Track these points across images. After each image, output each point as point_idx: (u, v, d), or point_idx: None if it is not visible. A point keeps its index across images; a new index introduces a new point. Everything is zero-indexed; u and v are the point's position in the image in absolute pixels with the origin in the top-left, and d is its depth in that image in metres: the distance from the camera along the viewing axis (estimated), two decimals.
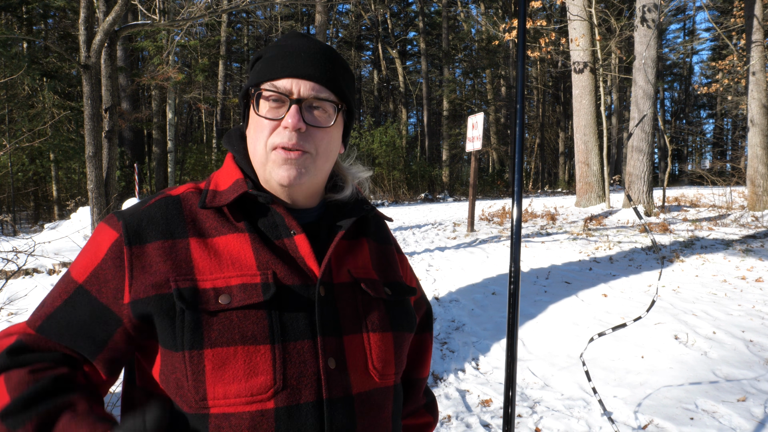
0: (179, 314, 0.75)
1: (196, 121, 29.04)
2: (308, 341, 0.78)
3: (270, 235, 0.84)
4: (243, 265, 0.79)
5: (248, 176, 0.87)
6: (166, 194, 0.86)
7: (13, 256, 3.63)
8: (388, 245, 0.98)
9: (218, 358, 0.74)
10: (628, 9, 21.34)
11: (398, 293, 0.92)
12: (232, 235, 0.82)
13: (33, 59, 14.51)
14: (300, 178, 0.82)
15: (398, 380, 0.90)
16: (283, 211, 0.84)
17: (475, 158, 8.78)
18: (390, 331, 0.87)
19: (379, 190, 21.56)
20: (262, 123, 0.83)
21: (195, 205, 0.84)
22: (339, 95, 0.85)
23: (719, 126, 43.19)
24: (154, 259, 0.78)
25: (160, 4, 14.96)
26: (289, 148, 0.81)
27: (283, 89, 0.82)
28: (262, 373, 0.75)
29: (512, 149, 1.40)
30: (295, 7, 26.76)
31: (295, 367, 0.76)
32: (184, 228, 0.81)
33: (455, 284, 5.57)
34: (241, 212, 0.84)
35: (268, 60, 0.85)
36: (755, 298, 4.82)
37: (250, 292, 0.77)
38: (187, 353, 0.74)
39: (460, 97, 31.09)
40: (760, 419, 2.86)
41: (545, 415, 3.06)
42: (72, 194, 16.13)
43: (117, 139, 5.35)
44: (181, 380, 0.75)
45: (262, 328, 0.76)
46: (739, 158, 19.32)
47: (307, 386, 0.76)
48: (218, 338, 0.74)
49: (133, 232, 0.79)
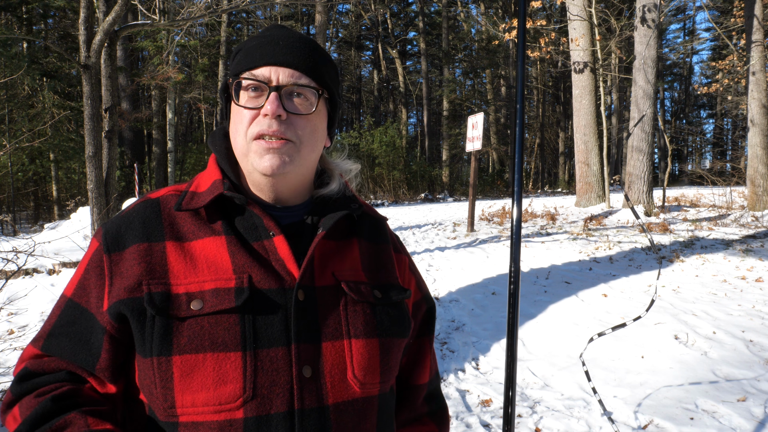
0: (149, 319, 0.74)
1: (196, 121, 29.04)
2: (282, 348, 0.75)
3: (248, 237, 0.81)
4: (219, 269, 0.77)
5: (227, 176, 0.85)
6: (147, 198, 0.85)
7: (13, 256, 3.63)
8: (383, 245, 0.93)
9: (187, 365, 0.72)
10: (628, 9, 21.33)
11: (389, 296, 0.87)
12: (209, 238, 0.80)
13: (33, 59, 14.51)
14: (284, 167, 0.80)
15: (386, 389, 0.85)
16: (261, 212, 0.81)
17: (475, 158, 8.78)
18: (376, 337, 0.82)
19: (379, 190, 21.56)
20: (241, 113, 0.81)
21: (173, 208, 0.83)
22: (319, 82, 0.83)
23: (719, 126, 43.19)
24: (130, 263, 0.77)
25: (160, 4, 14.96)
26: (270, 136, 0.79)
27: (262, 77, 0.80)
28: (232, 381, 0.72)
29: (512, 149, 1.40)
30: (295, 7, 26.77)
31: (266, 375, 0.73)
32: (161, 231, 0.80)
33: (455, 284, 5.57)
34: (220, 214, 0.82)
35: (246, 50, 0.83)
36: (755, 298, 4.82)
37: (222, 297, 0.75)
38: (156, 359, 0.73)
39: (460, 97, 31.09)
40: (760, 419, 2.86)
41: (545, 415, 3.06)
42: (72, 194, 16.13)
43: (117, 139, 5.35)
44: (151, 387, 0.75)
45: (234, 335, 0.73)
46: (739, 158, 19.32)
47: (279, 395, 0.73)
48: (187, 345, 0.73)
49: (111, 239, 0.80)
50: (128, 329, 0.77)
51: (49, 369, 0.78)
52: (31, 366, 0.79)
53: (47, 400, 0.74)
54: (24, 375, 0.78)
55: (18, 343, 3.89)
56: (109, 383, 0.79)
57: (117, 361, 0.78)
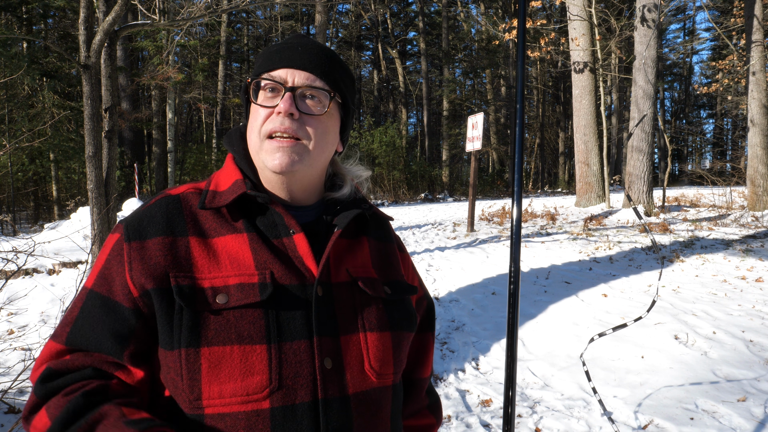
0: (177, 311, 0.76)
1: (196, 121, 29.04)
2: (305, 341, 0.78)
3: (269, 234, 0.84)
4: (241, 265, 0.80)
5: (247, 176, 0.88)
6: (167, 194, 0.87)
7: (13, 256, 3.62)
8: (389, 243, 0.98)
9: (214, 357, 0.74)
10: (628, 9, 21.33)
11: (398, 292, 0.92)
12: (231, 235, 0.83)
13: (33, 59, 14.50)
14: (293, 165, 0.83)
15: (397, 380, 0.90)
16: (282, 211, 0.84)
17: (475, 158, 8.78)
18: (388, 331, 0.86)
19: (379, 190, 21.56)
20: (258, 111, 0.85)
21: (195, 206, 0.85)
22: (333, 86, 0.87)
23: (719, 126, 43.19)
24: (155, 253, 0.79)
25: (160, 4, 14.96)
26: (281, 134, 0.83)
27: (279, 78, 0.85)
28: (258, 373, 0.75)
29: (512, 149, 1.40)
30: (295, 7, 26.76)
31: (291, 367, 0.76)
32: (184, 227, 0.82)
33: (455, 284, 5.57)
34: (241, 212, 0.85)
35: (267, 54, 0.89)
36: (755, 298, 4.82)
37: (247, 292, 0.77)
38: (184, 351, 0.75)
39: (460, 97, 31.09)
40: (760, 419, 2.86)
41: (545, 415, 3.06)
42: (72, 194, 16.12)
43: (117, 139, 5.35)
44: (176, 380, 0.76)
45: (259, 328, 0.76)
46: (739, 158, 19.32)
47: (303, 386, 0.77)
48: (215, 337, 0.75)
49: (133, 230, 0.82)
50: (154, 312, 0.78)
51: (73, 367, 0.78)
52: (54, 366, 0.78)
53: (78, 396, 0.73)
54: (47, 375, 0.77)
55: (18, 343, 3.89)
56: (135, 369, 0.79)
57: (143, 344, 0.79)
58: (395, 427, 0.89)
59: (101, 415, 0.72)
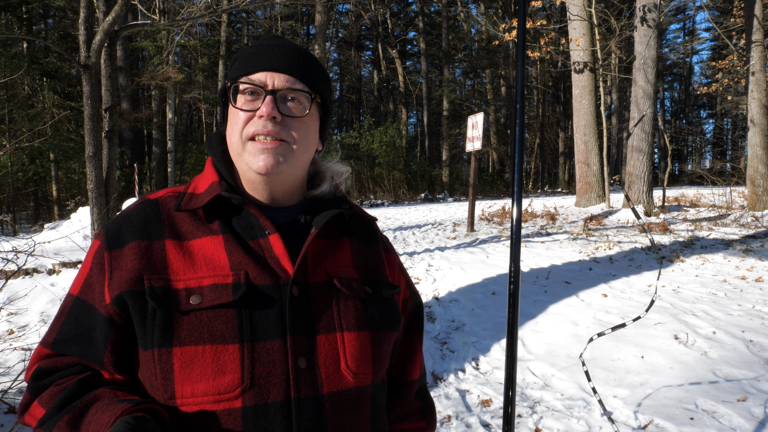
0: (150, 313, 0.77)
1: (196, 121, 29.02)
2: (278, 341, 0.78)
3: (245, 235, 0.85)
4: (217, 266, 0.81)
5: (224, 178, 0.89)
6: (146, 198, 0.89)
7: (13, 256, 3.63)
8: (373, 244, 0.97)
9: (186, 357, 0.75)
10: (628, 9, 21.33)
11: (379, 291, 0.91)
12: (207, 237, 0.83)
13: (33, 59, 14.51)
14: (278, 166, 0.83)
15: (378, 380, 0.89)
16: (257, 212, 0.85)
17: (475, 158, 8.78)
18: (367, 330, 0.86)
19: (379, 190, 21.56)
20: (238, 115, 0.85)
21: (172, 209, 0.86)
22: (312, 87, 0.88)
23: (719, 126, 43.19)
24: (130, 257, 0.80)
25: (160, 4, 14.96)
26: (265, 136, 0.83)
27: (258, 82, 0.85)
28: (230, 372, 0.75)
29: (512, 149, 1.40)
30: (295, 7, 26.76)
31: (263, 366, 0.77)
32: (160, 230, 0.83)
33: (455, 284, 5.57)
34: (217, 214, 0.86)
35: (244, 57, 0.88)
36: (755, 298, 4.82)
37: (220, 293, 0.78)
38: (156, 351, 0.76)
39: (460, 97, 31.08)
40: (760, 419, 2.86)
41: (545, 415, 3.06)
42: (72, 194, 16.12)
43: (117, 139, 5.35)
44: (152, 379, 0.78)
45: (232, 328, 0.77)
46: (739, 158, 19.31)
47: (276, 385, 0.77)
48: (187, 337, 0.76)
49: (112, 237, 0.84)
50: (131, 319, 0.80)
51: (62, 365, 0.81)
52: (44, 365, 0.82)
53: (74, 383, 0.77)
54: (39, 374, 0.81)
55: (18, 343, 3.89)
56: (117, 375, 0.81)
57: (122, 351, 0.81)
58: (377, 428, 0.88)
59: (95, 397, 0.75)
